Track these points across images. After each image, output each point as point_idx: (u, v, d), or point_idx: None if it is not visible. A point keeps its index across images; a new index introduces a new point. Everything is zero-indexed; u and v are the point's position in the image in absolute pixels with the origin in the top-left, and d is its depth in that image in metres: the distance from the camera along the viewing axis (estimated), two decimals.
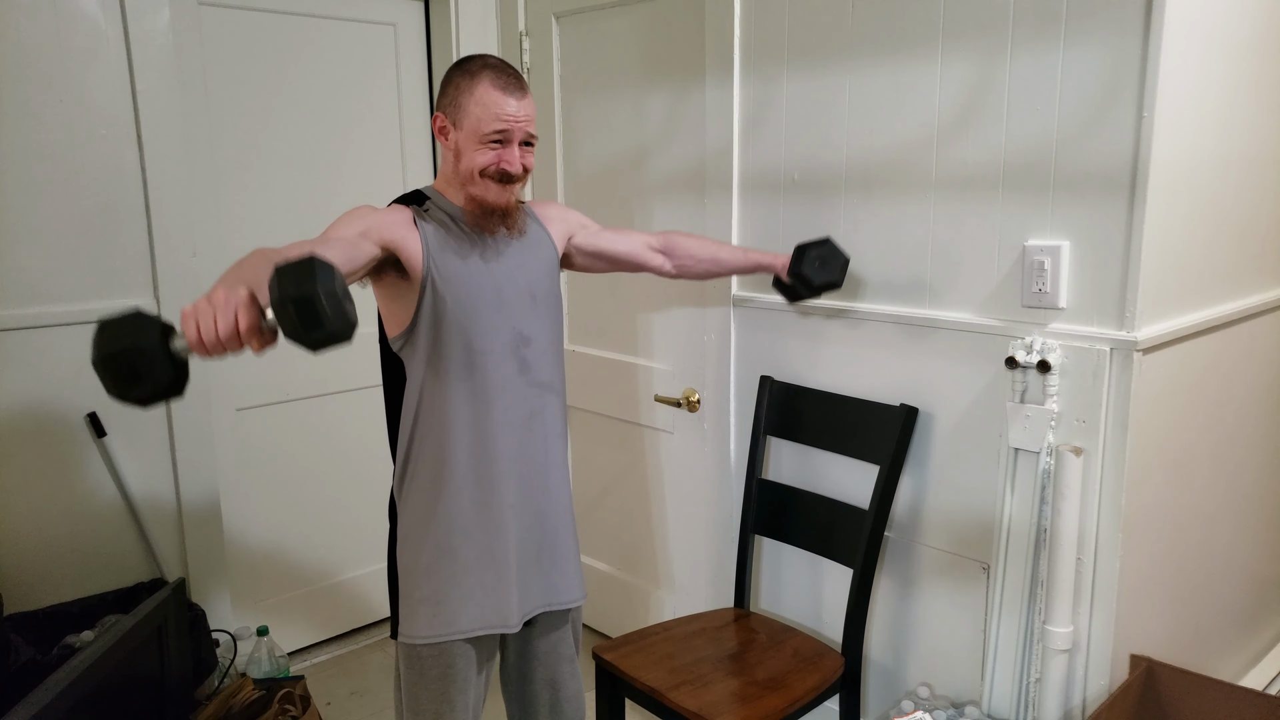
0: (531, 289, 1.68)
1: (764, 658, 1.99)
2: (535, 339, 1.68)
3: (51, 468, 2.26)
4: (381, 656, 2.88)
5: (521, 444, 1.68)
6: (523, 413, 1.67)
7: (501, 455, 1.65)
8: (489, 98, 1.55)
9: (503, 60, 1.61)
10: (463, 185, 1.60)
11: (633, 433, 2.71)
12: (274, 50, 2.61)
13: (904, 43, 1.90)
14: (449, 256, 1.60)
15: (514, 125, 1.56)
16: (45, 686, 1.63)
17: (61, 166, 2.21)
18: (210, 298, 1.07)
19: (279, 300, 1.05)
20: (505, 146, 1.57)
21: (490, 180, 1.58)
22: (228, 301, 1.06)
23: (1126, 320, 1.66)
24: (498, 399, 1.64)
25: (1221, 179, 1.85)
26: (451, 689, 1.66)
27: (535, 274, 1.70)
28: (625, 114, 2.57)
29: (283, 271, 1.06)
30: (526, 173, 1.62)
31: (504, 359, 1.64)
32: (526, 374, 1.67)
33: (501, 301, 1.63)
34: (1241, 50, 1.83)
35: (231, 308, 1.06)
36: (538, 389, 1.69)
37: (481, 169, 1.57)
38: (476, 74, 1.57)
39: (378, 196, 2.86)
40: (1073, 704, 1.81)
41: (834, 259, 1.86)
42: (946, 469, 1.96)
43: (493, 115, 1.55)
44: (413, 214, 1.61)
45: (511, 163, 1.57)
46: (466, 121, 1.57)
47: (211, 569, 2.55)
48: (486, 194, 1.59)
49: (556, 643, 1.80)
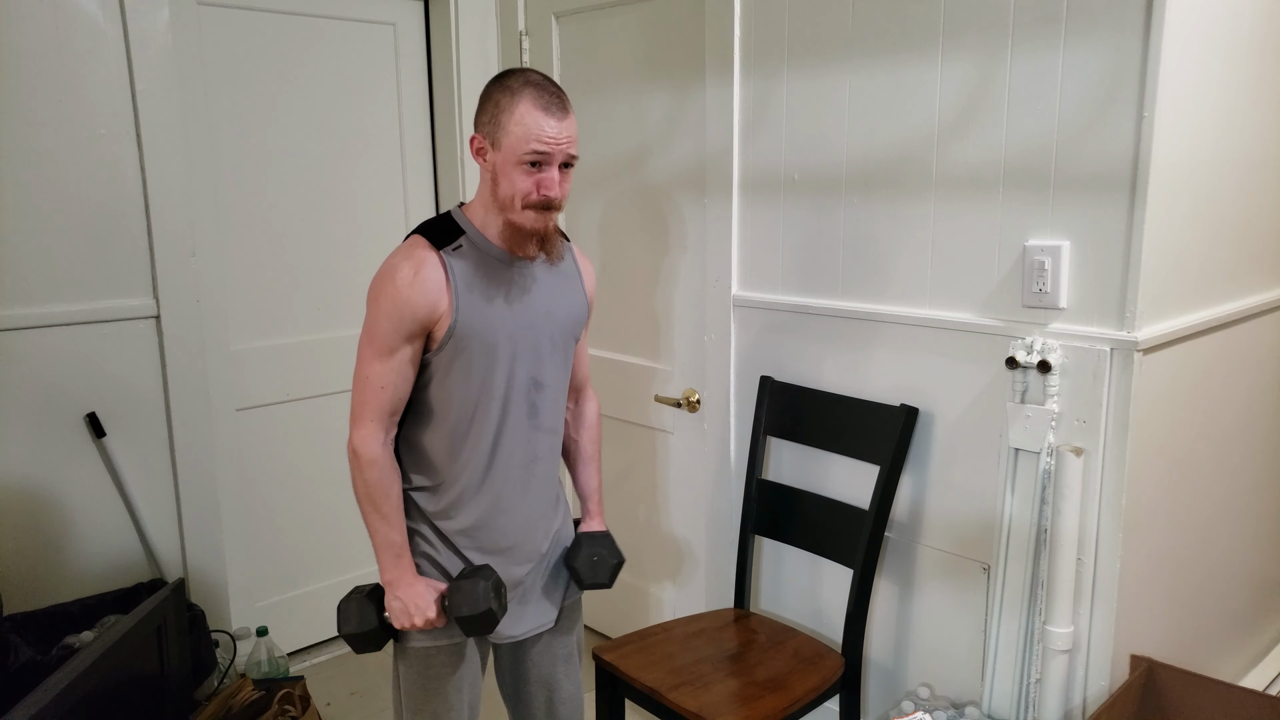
0: (553, 336, 1.65)
1: (764, 658, 1.99)
2: (547, 385, 1.66)
3: (51, 468, 2.26)
4: (381, 656, 2.87)
5: (519, 487, 1.67)
6: (526, 456, 1.67)
7: (503, 498, 1.65)
8: (529, 117, 1.48)
9: (545, 76, 1.54)
10: (501, 210, 1.55)
11: (633, 433, 2.71)
12: (274, 50, 2.60)
13: (904, 43, 1.90)
14: (476, 300, 1.55)
15: (555, 148, 1.50)
16: (45, 686, 1.63)
17: (61, 166, 2.21)
18: (409, 604, 1.58)
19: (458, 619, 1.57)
20: (544, 169, 1.51)
21: (530, 209, 1.52)
22: (426, 617, 1.59)
23: (1127, 320, 1.66)
24: (505, 443, 1.63)
25: (1221, 179, 1.85)
26: (448, 688, 1.66)
27: (560, 321, 1.66)
28: (625, 114, 2.57)
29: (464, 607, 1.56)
30: (563, 199, 1.56)
31: (515, 403, 1.62)
32: (535, 418, 1.66)
33: (519, 348, 1.61)
34: (1241, 50, 1.83)
35: (427, 619, 1.59)
36: (543, 433, 1.68)
37: (524, 198, 1.51)
38: (518, 92, 1.50)
39: (377, 196, 2.86)
40: (1073, 704, 1.81)
41: (609, 560, 1.79)
42: (946, 469, 1.95)
43: (533, 136, 1.48)
44: (441, 261, 1.54)
45: (551, 187, 1.51)
46: (506, 141, 1.50)
47: (211, 569, 2.54)
48: (525, 222, 1.53)
49: (550, 643, 1.79)
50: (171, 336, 2.40)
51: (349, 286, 2.84)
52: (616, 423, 2.76)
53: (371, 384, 1.55)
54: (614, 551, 1.80)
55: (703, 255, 2.40)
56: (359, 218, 2.83)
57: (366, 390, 1.55)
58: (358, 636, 1.61)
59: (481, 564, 1.64)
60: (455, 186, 2.91)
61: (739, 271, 2.31)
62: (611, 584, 1.80)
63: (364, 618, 1.60)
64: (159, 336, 2.39)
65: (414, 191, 2.95)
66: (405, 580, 1.60)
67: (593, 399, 1.90)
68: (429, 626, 1.59)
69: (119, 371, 2.34)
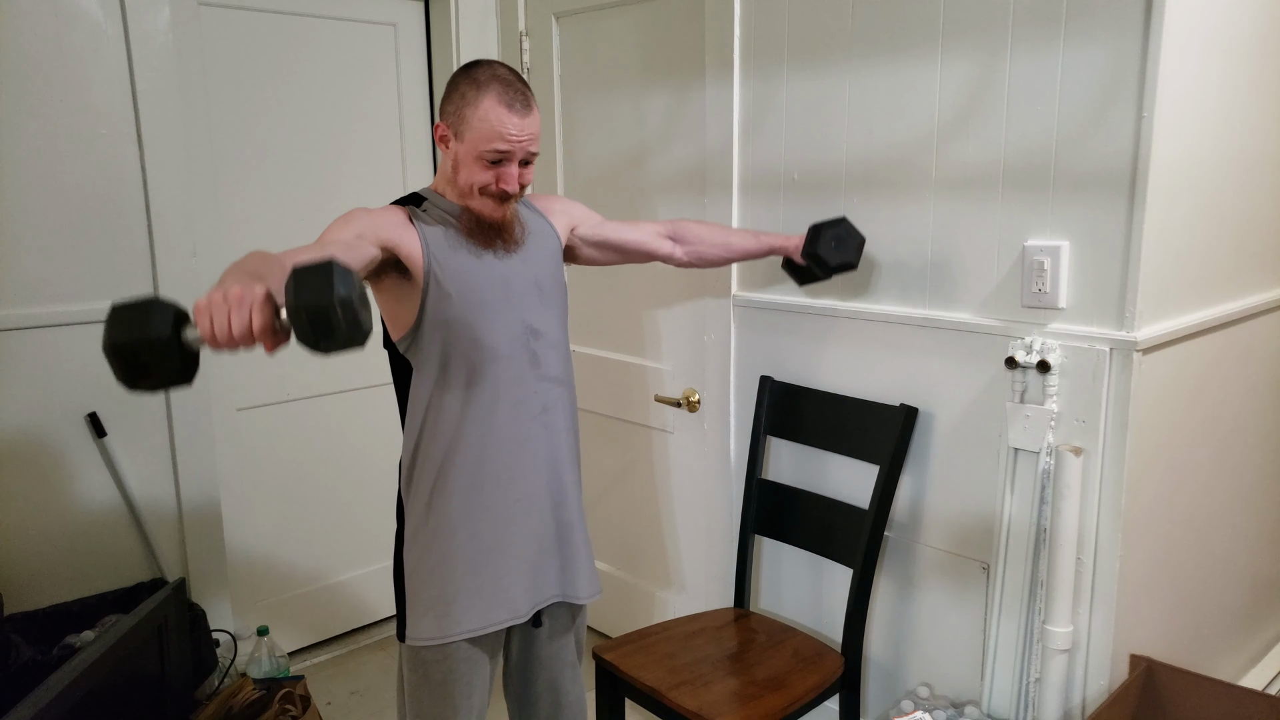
0: (538, 281, 1.66)
1: (764, 657, 1.99)
2: (545, 332, 1.66)
3: (51, 467, 2.26)
4: (381, 656, 2.88)
5: (535, 438, 1.66)
6: (535, 407, 1.65)
7: (515, 450, 1.63)
8: (493, 114, 1.51)
9: (512, 71, 1.57)
10: (460, 196, 1.59)
11: (633, 433, 2.71)
12: (274, 50, 2.61)
13: (904, 43, 1.90)
14: (450, 252, 1.58)
15: (515, 146, 1.53)
16: (45, 686, 1.63)
17: (61, 166, 2.21)
18: (225, 293, 1.03)
19: (294, 306, 1.03)
20: (504, 165, 1.55)
21: (488, 198, 1.56)
22: (243, 299, 1.03)
23: (1126, 320, 1.66)
24: (510, 394, 1.62)
25: (1221, 179, 1.85)
26: (455, 692, 1.65)
27: (540, 265, 1.68)
28: (625, 114, 2.57)
29: (300, 275, 1.03)
30: (523, 189, 1.60)
31: (515, 353, 1.62)
32: (537, 368, 1.66)
33: (508, 294, 1.61)
34: (1241, 51, 1.83)
35: (247, 306, 1.03)
36: (549, 383, 1.67)
37: (481, 187, 1.55)
38: (483, 86, 1.52)
39: (377, 197, 2.86)
40: (1073, 704, 1.81)
41: (850, 239, 1.82)
42: (946, 469, 1.96)
43: (495, 134, 1.51)
44: (408, 214, 1.59)
45: (509, 182, 1.55)
46: (468, 135, 1.53)
47: (211, 569, 2.55)
48: (483, 209, 1.57)
49: (560, 648, 1.80)
50: None
51: None
52: (616, 423, 2.76)
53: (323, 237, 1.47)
54: (855, 232, 1.75)
55: None
56: None
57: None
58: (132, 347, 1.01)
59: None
60: None
61: (739, 271, 2.31)
62: (858, 263, 1.76)
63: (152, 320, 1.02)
64: None
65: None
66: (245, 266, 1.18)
67: (680, 220, 1.96)
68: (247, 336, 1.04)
69: None
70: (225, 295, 1.03)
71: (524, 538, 1.66)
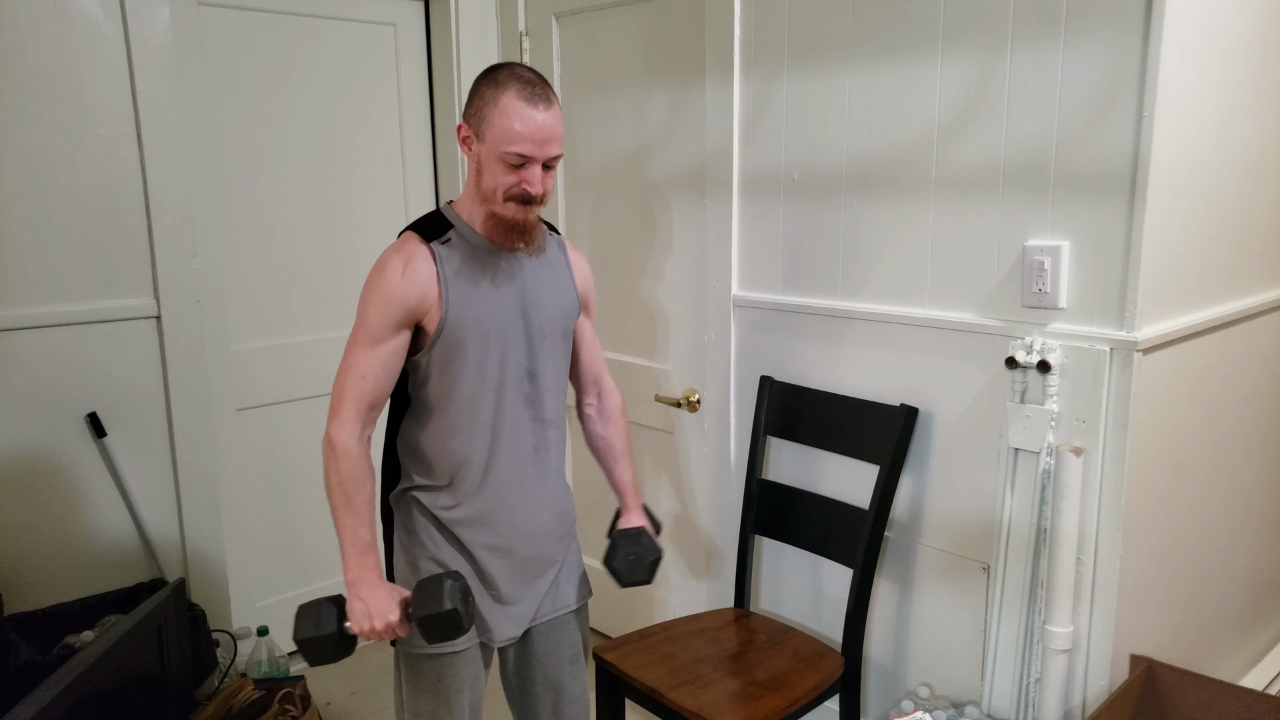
0: (542, 327, 1.66)
1: (764, 658, 1.99)
2: (542, 376, 1.67)
3: (52, 468, 2.26)
4: (381, 656, 2.88)
5: (528, 477, 1.68)
6: (528, 447, 1.67)
7: (508, 489, 1.66)
8: (513, 109, 1.50)
9: (533, 71, 1.55)
10: (483, 201, 1.58)
11: (633, 433, 2.71)
12: (274, 50, 2.61)
13: (904, 43, 1.90)
14: (464, 288, 1.58)
15: (536, 150, 1.52)
16: (45, 686, 1.63)
17: (61, 166, 2.21)
18: (370, 606, 1.50)
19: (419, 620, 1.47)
20: (527, 168, 1.54)
21: (511, 201, 1.55)
22: (388, 620, 1.51)
23: (1126, 320, 1.66)
24: (505, 434, 1.64)
25: (1221, 179, 1.85)
26: (449, 691, 1.66)
27: (548, 312, 1.67)
28: (625, 114, 2.57)
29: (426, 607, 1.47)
30: (546, 194, 1.58)
31: (511, 394, 1.63)
32: (533, 409, 1.67)
33: (510, 338, 1.62)
34: (1241, 50, 1.83)
35: (388, 623, 1.51)
36: (543, 424, 1.69)
37: (505, 190, 1.54)
38: (503, 84, 1.52)
39: (377, 197, 2.86)
40: (1073, 704, 1.81)
41: (645, 555, 1.78)
42: (946, 469, 1.96)
43: (517, 136, 1.50)
44: (431, 253, 1.57)
45: (533, 184, 1.54)
46: (489, 134, 1.52)
47: (211, 569, 2.55)
48: (506, 212, 1.56)
49: (556, 643, 1.79)
50: (172, 336, 2.40)
51: (349, 286, 2.84)
52: None
53: (353, 373, 1.56)
54: (651, 548, 1.76)
55: (703, 255, 2.40)
56: (359, 218, 2.83)
57: (347, 379, 1.56)
58: (314, 642, 1.49)
59: (453, 569, 1.60)
60: (455, 187, 2.91)
61: (739, 271, 2.31)
62: (651, 580, 1.76)
63: (322, 621, 1.49)
64: (159, 336, 2.39)
65: (414, 192, 2.95)
66: (370, 579, 1.54)
67: (614, 392, 1.89)
68: (390, 633, 1.51)
69: (120, 371, 2.34)
70: (370, 610, 1.50)
71: (514, 573, 1.69)
